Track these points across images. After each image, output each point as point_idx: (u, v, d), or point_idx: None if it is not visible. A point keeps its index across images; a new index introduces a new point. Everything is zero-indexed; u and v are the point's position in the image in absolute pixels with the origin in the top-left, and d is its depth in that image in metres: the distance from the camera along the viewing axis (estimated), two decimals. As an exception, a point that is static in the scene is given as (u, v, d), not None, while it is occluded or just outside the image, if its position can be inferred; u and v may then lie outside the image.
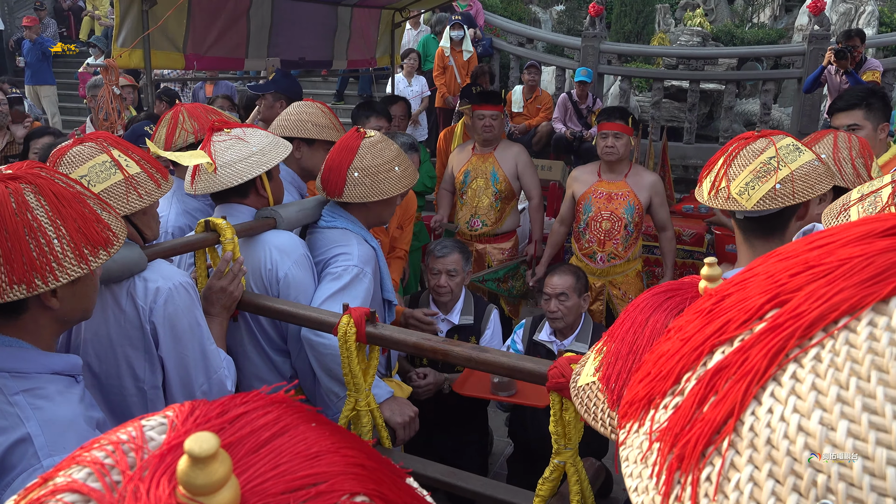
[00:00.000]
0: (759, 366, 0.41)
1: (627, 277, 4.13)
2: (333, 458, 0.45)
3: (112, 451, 0.45)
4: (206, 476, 0.38)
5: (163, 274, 1.76)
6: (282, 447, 0.45)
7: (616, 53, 8.99)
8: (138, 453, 0.44)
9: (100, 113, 4.23)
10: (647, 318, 0.89)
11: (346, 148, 2.29)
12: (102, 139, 1.78)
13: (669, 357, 0.47)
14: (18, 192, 1.28)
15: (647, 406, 0.48)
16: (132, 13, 4.17)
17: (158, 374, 1.76)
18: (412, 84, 8.32)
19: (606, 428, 0.88)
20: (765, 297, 0.44)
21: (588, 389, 0.94)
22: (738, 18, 12.66)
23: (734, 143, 1.84)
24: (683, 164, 8.28)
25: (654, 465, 0.45)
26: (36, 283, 1.26)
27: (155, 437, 0.46)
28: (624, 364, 0.89)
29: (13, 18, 12.68)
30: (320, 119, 2.83)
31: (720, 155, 1.83)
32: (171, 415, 0.48)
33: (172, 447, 0.44)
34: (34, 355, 1.34)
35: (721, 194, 1.77)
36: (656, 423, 0.46)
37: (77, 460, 0.45)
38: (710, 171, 1.83)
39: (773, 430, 0.39)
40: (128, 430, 0.47)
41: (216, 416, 0.47)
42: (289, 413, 0.48)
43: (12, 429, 1.24)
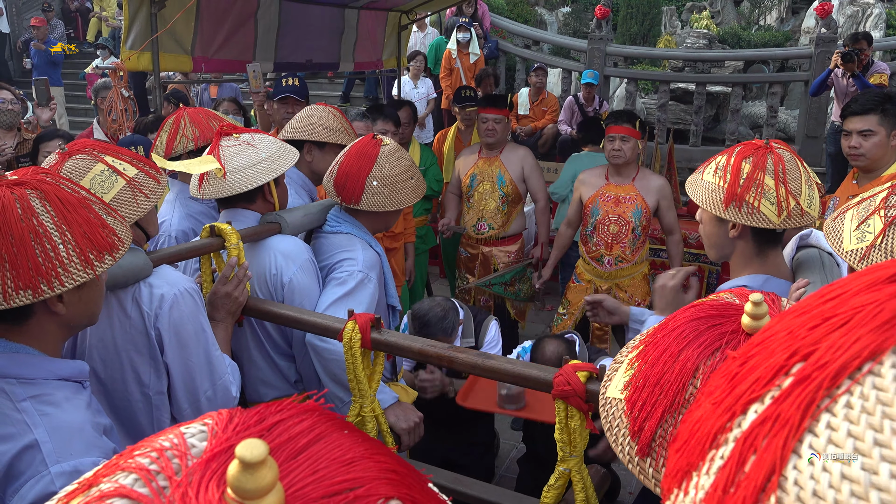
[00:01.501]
0: (794, 419, 0.42)
1: (634, 280, 4.13)
2: (368, 464, 0.47)
3: (156, 457, 0.46)
4: (256, 481, 0.40)
5: (168, 280, 1.76)
6: (319, 453, 0.47)
7: (622, 56, 8.98)
8: (183, 459, 0.46)
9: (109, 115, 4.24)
10: (679, 350, 0.87)
11: (365, 155, 2.28)
12: (91, 148, 1.75)
13: (703, 422, 0.49)
14: (24, 197, 1.28)
15: (689, 473, 0.49)
16: (141, 16, 4.19)
17: (163, 380, 1.76)
18: (418, 86, 8.32)
19: (625, 456, 0.86)
20: (788, 352, 0.45)
21: (614, 405, 0.92)
22: (744, 21, 12.62)
23: (760, 158, 1.77)
24: (690, 166, 8.25)
25: None
26: (42, 289, 1.26)
27: (197, 444, 0.48)
28: (650, 395, 0.86)
29: (21, 19, 12.74)
30: (331, 123, 2.83)
31: (756, 173, 1.75)
32: (210, 422, 0.50)
33: (216, 454, 0.45)
34: (41, 361, 1.34)
35: (795, 212, 1.75)
36: (700, 489, 0.47)
37: (122, 466, 0.46)
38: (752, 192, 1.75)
39: (817, 481, 0.40)
40: (169, 438, 0.48)
41: (254, 423, 0.49)
42: (322, 421, 0.50)
43: (20, 435, 1.24)
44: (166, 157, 2.58)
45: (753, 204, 1.75)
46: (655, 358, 0.90)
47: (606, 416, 0.93)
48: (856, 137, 3.10)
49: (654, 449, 0.83)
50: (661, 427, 0.84)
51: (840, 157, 6.89)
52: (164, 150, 2.57)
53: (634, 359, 0.96)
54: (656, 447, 0.83)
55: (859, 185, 3.19)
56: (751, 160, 1.79)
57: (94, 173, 1.69)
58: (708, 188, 1.81)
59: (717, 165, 1.83)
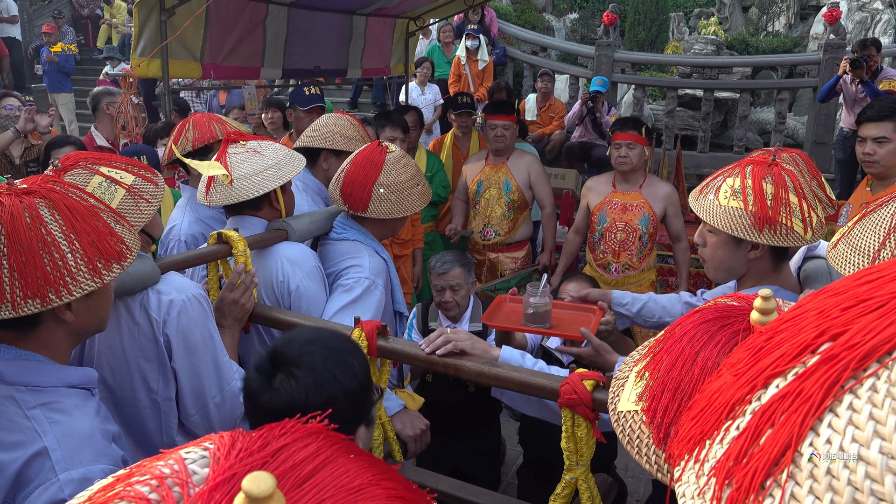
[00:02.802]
0: (816, 397, 0.42)
1: (642, 287, 4.11)
2: (376, 491, 0.46)
3: (157, 485, 0.45)
4: None
5: (176, 286, 1.77)
6: (325, 481, 0.45)
7: (630, 62, 8.97)
8: (184, 488, 0.45)
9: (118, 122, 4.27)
10: (696, 353, 0.86)
11: (371, 163, 2.28)
12: (84, 161, 1.75)
13: (722, 393, 0.48)
14: (33, 206, 1.29)
15: (702, 442, 0.49)
16: (151, 23, 4.22)
17: (172, 387, 1.76)
18: (425, 92, 8.34)
19: (652, 466, 0.85)
20: (817, 331, 0.45)
21: (630, 419, 0.91)
22: (752, 27, 12.60)
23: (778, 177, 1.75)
24: (697, 172, 8.23)
25: (712, 499, 0.46)
26: (50, 298, 1.27)
27: (198, 471, 0.46)
28: (671, 400, 0.86)
29: (32, 26, 12.84)
30: (349, 131, 2.84)
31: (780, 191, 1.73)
32: (212, 447, 0.49)
33: (219, 483, 0.44)
34: (50, 369, 1.34)
35: (817, 226, 1.77)
36: (711, 458, 0.47)
37: (122, 495, 0.45)
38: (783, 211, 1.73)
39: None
40: (169, 464, 0.47)
41: (257, 449, 0.47)
42: (327, 445, 0.49)
43: (30, 443, 1.25)
44: (168, 160, 2.60)
45: (787, 224, 1.74)
46: (671, 364, 0.89)
47: (624, 430, 0.92)
48: (870, 144, 3.10)
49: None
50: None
51: (849, 164, 6.86)
52: (167, 154, 2.59)
53: (642, 370, 0.96)
54: None
55: (873, 192, 3.18)
56: (770, 179, 1.76)
57: (93, 186, 1.69)
58: (733, 214, 1.75)
59: (732, 188, 1.77)
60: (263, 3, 5.05)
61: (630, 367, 1.03)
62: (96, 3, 14.32)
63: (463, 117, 5.48)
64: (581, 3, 13.50)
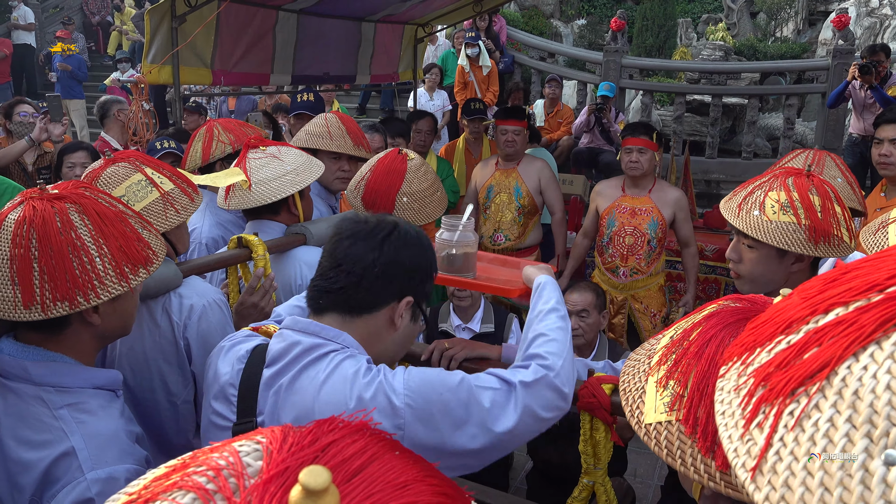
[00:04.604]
0: (867, 328, 0.46)
1: (650, 291, 4.13)
2: (421, 487, 0.47)
3: (213, 476, 0.46)
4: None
5: (197, 291, 1.79)
6: (373, 476, 0.47)
7: (638, 68, 8.99)
8: (240, 480, 0.46)
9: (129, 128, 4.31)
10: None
11: (393, 171, 2.29)
12: (134, 158, 1.82)
13: (784, 311, 0.53)
14: (63, 211, 1.32)
15: (752, 349, 0.53)
16: (162, 30, 4.26)
17: (191, 389, 1.79)
18: (434, 98, 8.37)
19: (702, 476, 0.82)
20: (890, 273, 0.48)
21: (665, 430, 0.88)
22: (760, 32, 12.61)
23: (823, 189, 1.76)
24: (706, 178, 8.24)
25: (746, 395, 0.50)
26: (78, 301, 1.30)
27: (252, 464, 0.47)
28: (712, 406, 0.81)
29: (44, 33, 12.95)
30: (316, 128, 2.84)
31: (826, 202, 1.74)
32: (264, 441, 0.50)
33: (273, 476, 0.45)
34: (77, 370, 1.37)
35: (854, 234, 1.79)
36: (756, 363, 0.52)
37: (179, 484, 0.46)
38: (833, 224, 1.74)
39: (862, 384, 0.44)
40: (224, 456, 0.48)
41: (308, 444, 0.49)
42: (374, 442, 0.50)
43: (57, 442, 1.27)
44: (203, 163, 2.63)
45: (838, 235, 1.74)
46: (702, 371, 0.87)
47: (660, 443, 0.89)
48: (887, 145, 3.12)
49: None
50: None
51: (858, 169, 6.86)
52: (201, 156, 2.62)
53: (663, 379, 0.93)
54: None
55: (887, 197, 3.19)
56: (815, 191, 1.76)
57: (132, 181, 1.73)
58: (787, 229, 1.74)
59: (779, 203, 1.76)
60: (273, 9, 5.08)
61: (643, 376, 0.99)
62: (107, 10, 14.44)
63: (475, 123, 5.51)
64: (589, 9, 13.53)
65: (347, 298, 1.35)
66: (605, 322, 3.16)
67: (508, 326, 3.32)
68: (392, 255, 1.34)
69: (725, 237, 5.72)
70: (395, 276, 1.36)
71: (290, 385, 1.28)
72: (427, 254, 1.42)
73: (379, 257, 1.34)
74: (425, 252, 1.41)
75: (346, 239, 1.37)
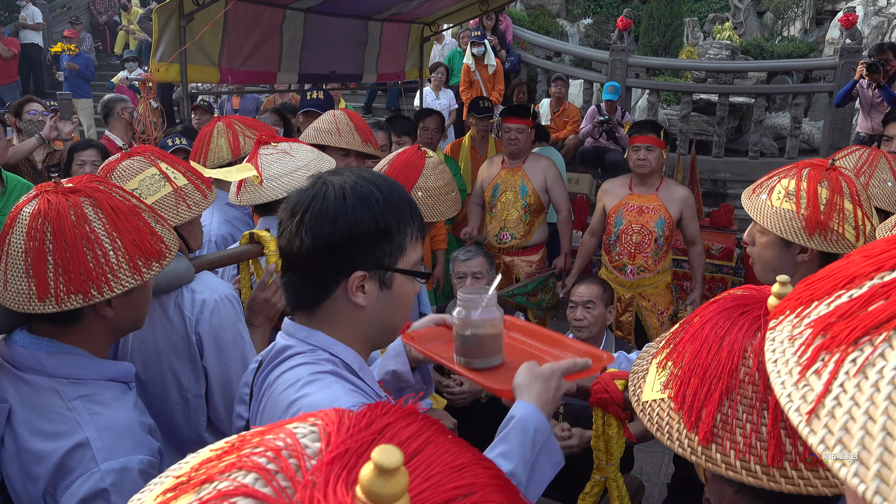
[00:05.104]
0: None
1: (657, 289, 4.12)
2: (477, 470, 0.47)
3: (273, 457, 0.46)
4: (391, 487, 0.41)
5: (209, 286, 1.80)
6: (431, 459, 0.47)
7: (644, 66, 8.98)
8: (300, 460, 0.46)
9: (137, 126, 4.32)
10: (721, 338, 0.89)
11: (411, 166, 2.30)
12: (150, 153, 1.84)
13: (846, 268, 0.53)
14: (78, 204, 1.32)
15: (808, 302, 0.54)
16: (170, 28, 4.27)
17: (202, 384, 1.79)
18: (440, 97, 8.38)
19: (685, 449, 0.88)
20: None
21: (657, 406, 0.95)
22: (767, 32, 12.58)
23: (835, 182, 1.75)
24: (712, 177, 8.22)
25: (802, 344, 0.50)
26: (92, 293, 1.30)
27: (310, 445, 0.47)
28: (700, 385, 0.89)
29: (51, 33, 12.99)
30: (324, 125, 2.85)
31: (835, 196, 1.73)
32: (320, 423, 0.50)
33: (334, 457, 0.45)
34: (90, 362, 1.37)
35: (870, 235, 1.75)
36: (813, 314, 0.52)
37: (238, 465, 0.46)
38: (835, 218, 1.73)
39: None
40: (281, 437, 0.48)
41: (365, 426, 0.49)
42: (427, 425, 0.50)
43: (71, 433, 1.28)
44: (234, 157, 2.64)
45: (838, 231, 1.73)
46: (695, 351, 0.92)
47: (651, 419, 0.95)
48: None
49: (718, 434, 0.85)
50: (720, 411, 0.85)
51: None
52: (231, 152, 2.62)
53: (663, 361, 0.99)
54: (719, 431, 0.85)
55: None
56: (826, 184, 1.76)
57: (146, 175, 1.75)
58: (785, 216, 1.75)
59: (786, 190, 1.77)
60: (280, 8, 5.09)
61: (648, 360, 1.06)
62: (114, 9, 14.49)
63: (484, 121, 5.52)
64: (595, 8, 13.52)
65: (297, 295, 1.26)
66: (611, 317, 3.16)
67: None
68: (311, 238, 1.18)
69: (732, 236, 5.71)
70: (323, 258, 1.20)
71: (266, 386, 1.25)
72: (362, 212, 1.18)
73: (300, 245, 1.19)
74: (358, 213, 1.18)
75: (282, 230, 1.25)
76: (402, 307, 1.30)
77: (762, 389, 0.84)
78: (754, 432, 0.83)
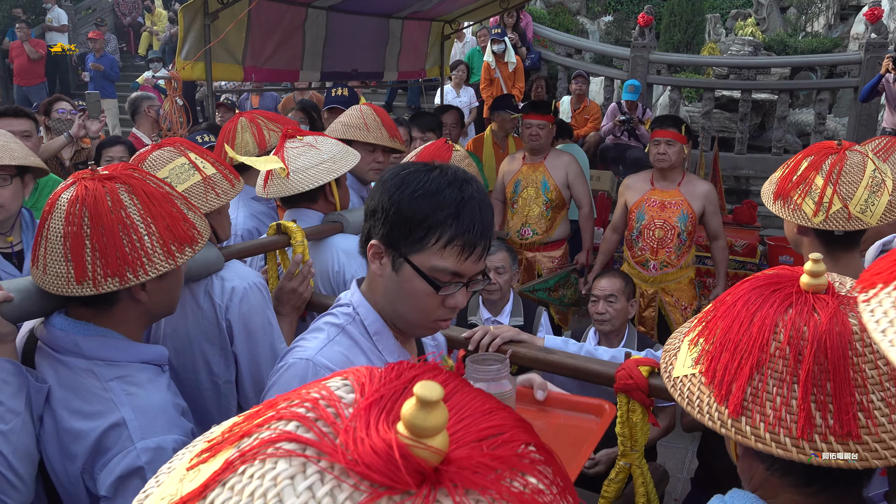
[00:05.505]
0: None
1: (680, 285, 4.11)
2: (504, 414, 0.50)
3: (311, 406, 0.48)
4: (433, 419, 0.43)
5: (238, 274, 1.83)
6: (461, 403, 0.49)
7: (665, 63, 8.92)
8: (338, 408, 0.48)
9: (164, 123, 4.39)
10: (752, 314, 0.90)
11: (437, 158, 2.34)
12: (179, 144, 1.88)
13: None
14: (114, 191, 1.36)
15: None
16: (195, 27, 4.33)
17: (232, 370, 1.82)
18: (460, 95, 8.39)
19: (715, 422, 0.90)
20: None
21: (688, 381, 0.96)
22: (791, 27, 12.44)
23: (819, 158, 1.81)
24: (735, 174, 8.16)
25: None
26: (127, 277, 1.34)
27: (345, 396, 0.49)
28: (730, 360, 0.90)
29: (77, 34, 13.20)
30: (352, 119, 2.88)
31: (809, 172, 1.80)
32: (351, 378, 0.52)
33: (372, 403, 0.47)
34: (125, 345, 1.41)
35: (839, 215, 1.76)
36: None
37: (278, 416, 0.48)
38: (798, 190, 1.80)
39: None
40: (315, 391, 0.50)
41: (395, 377, 0.51)
42: (452, 377, 0.52)
43: (108, 413, 1.31)
44: (261, 151, 2.67)
45: (797, 201, 1.81)
46: (726, 327, 0.93)
47: (682, 393, 0.96)
48: None
49: (748, 407, 0.86)
50: (750, 385, 0.86)
51: (892, 164, 6.74)
52: (257, 146, 2.66)
53: (696, 338, 1.01)
54: (749, 404, 0.86)
55: None
56: (811, 160, 1.83)
57: (175, 164, 1.78)
58: (771, 182, 1.89)
59: (787, 163, 1.89)
60: (303, 7, 5.14)
61: (680, 338, 1.08)
62: (138, 11, 14.68)
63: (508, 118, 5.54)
64: (615, 5, 13.46)
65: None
66: (633, 311, 3.16)
67: (538, 320, 3.33)
68: (369, 198, 1.35)
69: (755, 233, 5.67)
70: (365, 218, 1.35)
71: None
72: (388, 193, 1.28)
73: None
74: (386, 191, 1.28)
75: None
76: (408, 301, 1.32)
77: (792, 363, 0.85)
78: (784, 405, 0.84)
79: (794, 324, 0.86)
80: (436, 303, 1.29)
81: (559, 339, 1.85)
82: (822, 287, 0.90)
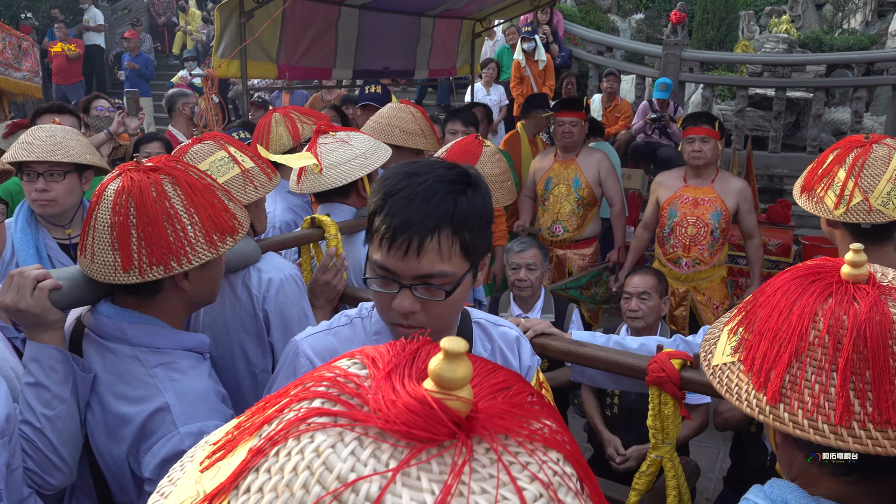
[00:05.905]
0: None
1: (712, 283, 4.07)
2: (507, 372, 0.54)
3: (331, 384, 0.50)
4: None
5: (275, 265, 1.87)
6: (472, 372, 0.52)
7: (698, 61, 8.82)
8: (357, 381, 0.50)
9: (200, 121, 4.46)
10: (792, 303, 0.91)
11: (468, 153, 2.36)
12: (219, 137, 1.92)
13: None
14: (158, 182, 1.40)
15: None
16: (231, 25, 4.40)
17: (269, 360, 1.86)
18: (490, 93, 8.39)
19: (753, 409, 0.90)
20: None
21: (727, 370, 0.97)
22: (826, 24, 12.21)
23: (845, 152, 1.82)
24: (768, 173, 8.04)
25: None
26: (172, 265, 1.37)
27: (359, 372, 0.51)
28: (769, 348, 0.91)
29: (113, 34, 13.46)
30: (408, 125, 2.90)
31: (833, 166, 1.82)
32: (359, 356, 0.54)
33: (389, 372, 0.50)
34: (168, 332, 1.45)
35: (860, 207, 1.77)
36: None
37: (300, 398, 0.50)
38: (822, 183, 1.82)
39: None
40: (328, 371, 0.52)
41: (401, 350, 0.54)
42: None
43: (152, 398, 1.35)
44: (295, 143, 2.73)
45: (819, 194, 1.84)
46: (766, 316, 0.94)
47: (721, 381, 0.97)
48: None
49: (786, 394, 0.86)
50: (788, 372, 0.87)
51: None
52: (291, 138, 2.72)
53: (735, 327, 1.01)
54: (788, 391, 0.86)
55: None
56: (836, 153, 1.86)
57: (215, 157, 1.83)
58: (801, 177, 1.92)
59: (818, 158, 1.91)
60: (336, 5, 5.19)
61: (720, 328, 1.09)
62: (172, 11, 14.92)
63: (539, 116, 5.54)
64: (647, 3, 13.34)
65: None
66: (665, 308, 3.14)
67: (569, 317, 3.33)
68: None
69: (789, 232, 5.59)
70: None
71: None
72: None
73: None
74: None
75: None
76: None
77: (831, 352, 0.85)
78: (822, 392, 0.84)
79: (833, 313, 0.86)
80: (385, 302, 1.20)
81: (586, 333, 1.86)
82: (863, 277, 0.90)
